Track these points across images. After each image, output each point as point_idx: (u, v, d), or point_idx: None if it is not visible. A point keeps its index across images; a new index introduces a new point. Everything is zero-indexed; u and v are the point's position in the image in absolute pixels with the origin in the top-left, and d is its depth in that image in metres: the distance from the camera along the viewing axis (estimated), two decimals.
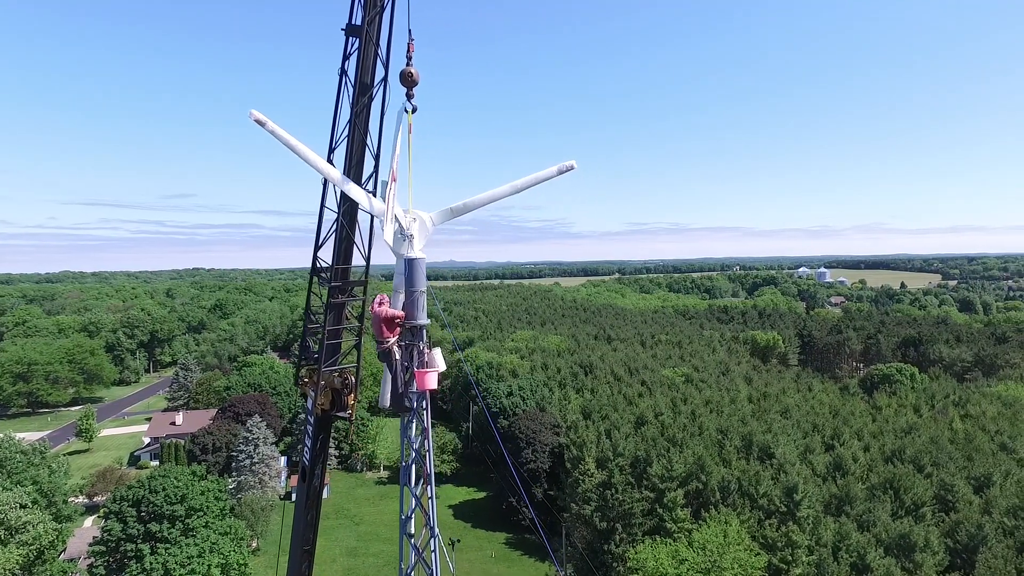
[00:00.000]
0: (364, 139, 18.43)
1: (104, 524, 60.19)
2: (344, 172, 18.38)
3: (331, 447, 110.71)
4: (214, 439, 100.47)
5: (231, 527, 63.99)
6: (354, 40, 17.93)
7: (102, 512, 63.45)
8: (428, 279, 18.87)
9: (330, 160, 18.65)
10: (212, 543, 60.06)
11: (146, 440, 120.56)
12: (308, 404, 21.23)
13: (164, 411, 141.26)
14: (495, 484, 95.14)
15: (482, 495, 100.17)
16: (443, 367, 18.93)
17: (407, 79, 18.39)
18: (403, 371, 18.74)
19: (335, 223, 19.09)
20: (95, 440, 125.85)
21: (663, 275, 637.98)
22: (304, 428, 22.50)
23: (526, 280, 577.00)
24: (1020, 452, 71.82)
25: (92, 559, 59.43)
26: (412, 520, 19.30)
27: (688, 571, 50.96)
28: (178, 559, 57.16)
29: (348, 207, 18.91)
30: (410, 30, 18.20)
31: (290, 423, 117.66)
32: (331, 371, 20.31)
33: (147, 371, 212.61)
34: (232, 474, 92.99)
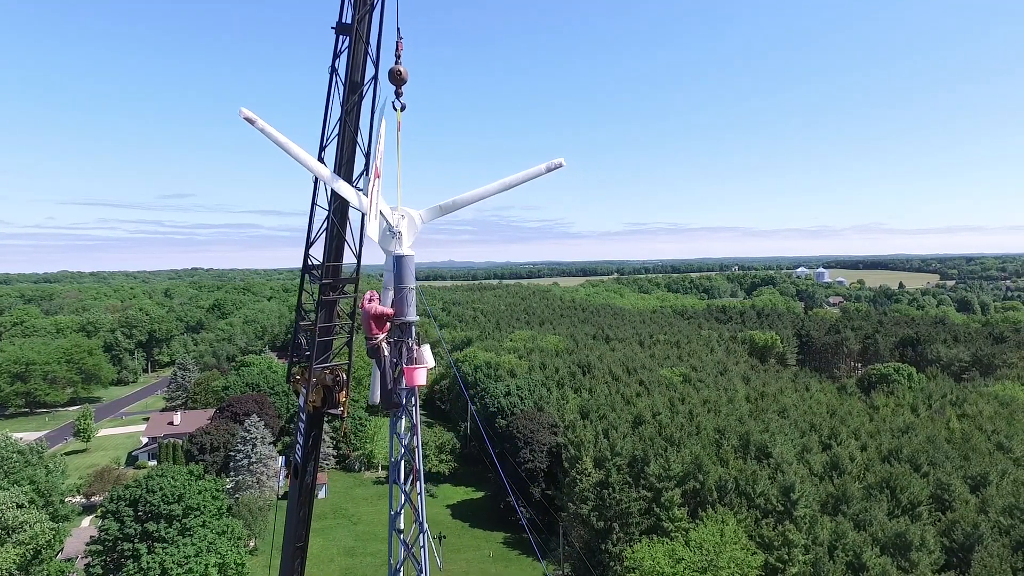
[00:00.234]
0: (355, 137, 18.54)
1: (101, 524, 60.10)
2: (335, 170, 18.47)
3: (329, 447, 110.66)
4: (212, 439, 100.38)
5: (228, 526, 63.91)
6: (344, 38, 18.01)
7: (99, 512, 63.41)
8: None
9: (321, 158, 18.69)
10: (209, 542, 59.94)
11: (144, 440, 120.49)
12: (300, 401, 21.31)
13: (162, 411, 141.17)
14: (493, 484, 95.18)
15: (480, 495, 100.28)
16: (432, 364, 19.00)
17: (396, 77, 18.52)
18: (392, 367, 18.80)
19: (326, 221, 19.16)
20: (93, 440, 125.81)
21: (662, 275, 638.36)
22: (296, 425, 22.58)
23: (525, 280, 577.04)
24: (1016, 451, 71.98)
25: (89, 558, 59.32)
26: (401, 516, 19.35)
27: (685, 570, 50.97)
28: (175, 558, 57.06)
29: (339, 205, 19.00)
30: (399, 29, 18.35)
31: (288, 423, 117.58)
32: (322, 368, 20.38)
33: (145, 371, 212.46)
34: (230, 474, 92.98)
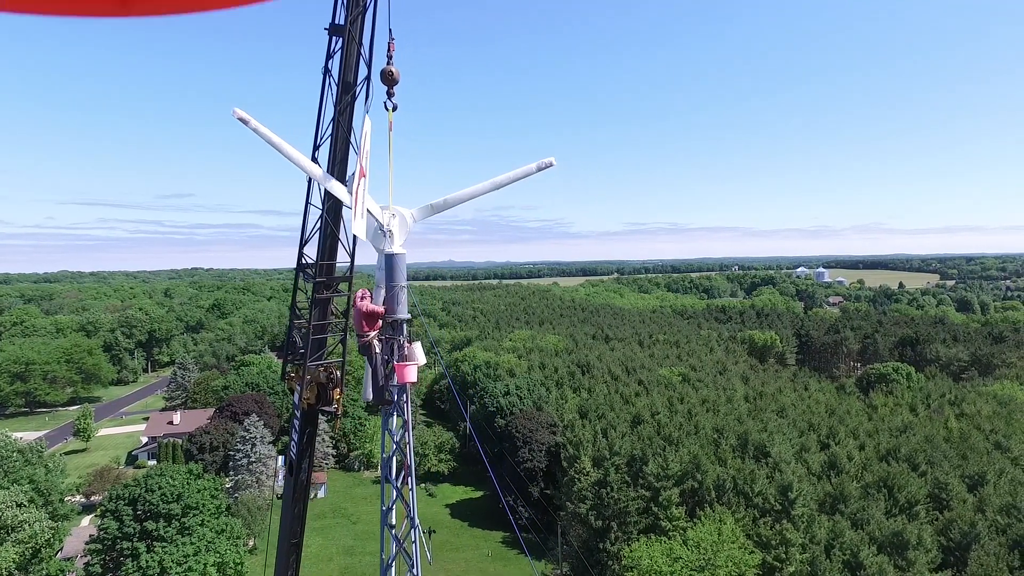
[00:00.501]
0: (347, 137, 18.72)
1: (100, 523, 60.25)
2: (328, 170, 18.64)
3: (329, 447, 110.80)
4: (211, 438, 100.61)
5: (227, 525, 64.07)
6: (337, 39, 18.18)
7: (99, 511, 63.55)
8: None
9: (315, 158, 18.89)
10: (208, 542, 60.12)
11: (144, 439, 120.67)
12: (295, 399, 21.50)
13: (162, 411, 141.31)
14: (492, 483, 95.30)
15: (480, 494, 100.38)
16: (423, 361, 19.18)
17: (388, 78, 18.68)
18: (383, 365, 18.97)
19: (319, 220, 19.34)
20: (93, 440, 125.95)
21: (662, 275, 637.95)
22: (291, 422, 22.76)
23: (525, 280, 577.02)
24: (1014, 451, 72.09)
25: (88, 557, 59.47)
26: (393, 512, 19.51)
27: (682, 569, 51.12)
28: (174, 557, 57.23)
29: (332, 204, 19.18)
30: (391, 30, 18.49)
31: (287, 422, 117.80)
32: (316, 366, 20.56)
33: (145, 371, 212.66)
34: (229, 473, 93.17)
